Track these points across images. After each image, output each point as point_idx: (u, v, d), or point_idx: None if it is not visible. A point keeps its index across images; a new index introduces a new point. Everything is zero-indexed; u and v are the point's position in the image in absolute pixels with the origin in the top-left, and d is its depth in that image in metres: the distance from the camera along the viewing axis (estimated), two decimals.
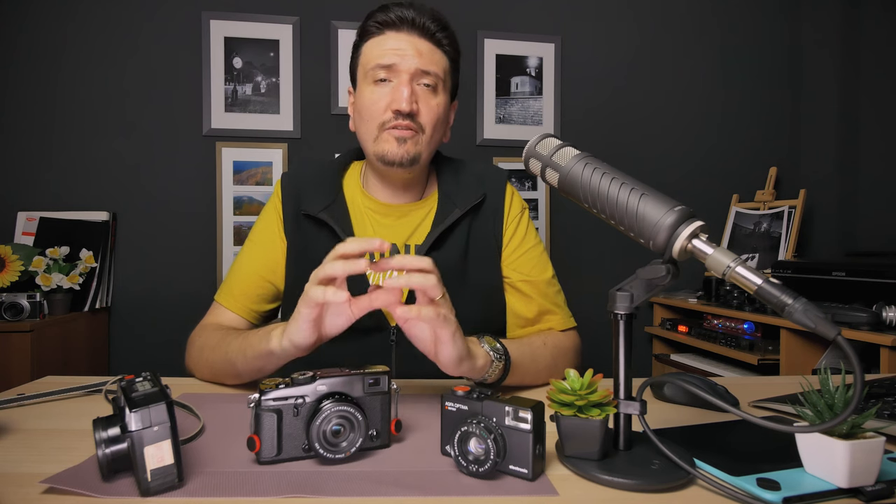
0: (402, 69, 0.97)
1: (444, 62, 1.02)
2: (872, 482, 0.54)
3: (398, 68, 0.97)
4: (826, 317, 0.51)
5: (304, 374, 0.63)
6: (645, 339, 2.63)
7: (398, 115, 0.97)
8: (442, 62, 1.01)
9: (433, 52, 1.00)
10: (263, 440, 0.60)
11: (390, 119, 0.97)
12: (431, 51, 1.00)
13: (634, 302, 0.62)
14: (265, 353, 0.80)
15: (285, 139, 2.42)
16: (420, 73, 0.98)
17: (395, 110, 0.96)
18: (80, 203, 2.30)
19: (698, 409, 0.84)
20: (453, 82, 1.06)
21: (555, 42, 2.56)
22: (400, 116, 0.97)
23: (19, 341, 1.86)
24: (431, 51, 1.00)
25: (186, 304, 2.26)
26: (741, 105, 2.70)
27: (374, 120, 0.99)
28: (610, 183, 0.63)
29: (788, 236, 2.34)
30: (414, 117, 0.98)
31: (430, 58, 0.99)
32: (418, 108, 0.98)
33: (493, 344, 0.85)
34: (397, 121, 0.97)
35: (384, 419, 0.66)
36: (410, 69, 0.97)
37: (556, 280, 1.10)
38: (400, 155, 0.98)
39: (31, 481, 0.55)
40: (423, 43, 0.99)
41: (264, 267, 1.05)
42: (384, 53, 0.98)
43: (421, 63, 0.98)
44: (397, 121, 0.97)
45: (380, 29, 1.00)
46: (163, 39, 2.35)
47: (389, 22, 0.99)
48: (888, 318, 1.60)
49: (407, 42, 0.98)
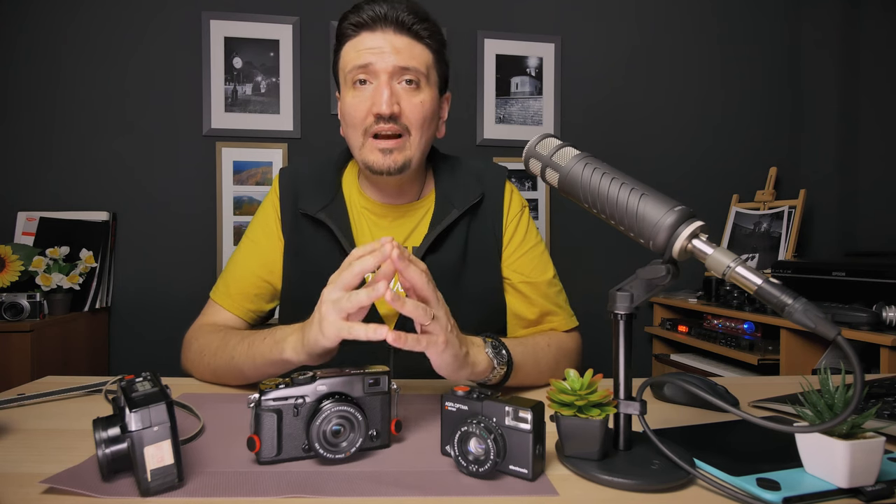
0: (379, 69, 0.93)
1: (426, 55, 0.97)
2: (872, 482, 0.54)
3: (375, 68, 0.93)
4: (826, 317, 0.51)
5: (304, 374, 0.63)
6: (645, 339, 2.63)
7: (379, 118, 0.93)
8: (423, 56, 0.96)
9: (412, 47, 0.95)
10: (263, 440, 0.60)
11: (372, 124, 0.94)
12: (410, 45, 0.95)
13: (634, 302, 0.62)
14: (279, 362, 0.79)
15: (285, 139, 2.42)
16: (399, 71, 0.93)
17: (376, 114, 0.92)
18: (80, 203, 2.30)
19: (698, 409, 0.84)
20: (440, 75, 1.01)
21: (555, 42, 2.56)
22: (382, 120, 0.93)
23: (19, 341, 1.86)
24: (410, 45, 0.95)
25: (186, 304, 2.25)
26: (741, 105, 2.70)
27: (358, 126, 0.95)
28: (610, 183, 0.63)
29: (788, 236, 2.34)
30: (397, 119, 0.93)
31: (409, 53, 0.94)
32: (400, 108, 0.93)
33: (496, 347, 0.84)
34: (379, 125, 0.93)
35: (384, 419, 0.66)
36: (388, 68, 0.93)
37: (557, 280, 1.09)
38: (387, 165, 0.94)
39: (31, 481, 0.55)
40: (400, 38, 0.94)
41: (262, 266, 1.04)
42: (360, 54, 0.94)
43: (399, 60, 0.93)
44: (379, 125, 0.93)
45: (355, 30, 0.95)
46: (163, 39, 2.35)
47: (363, 22, 0.94)
48: (888, 318, 1.60)
49: (383, 40, 0.93)
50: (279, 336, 0.81)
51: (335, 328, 0.69)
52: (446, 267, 1.00)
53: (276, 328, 0.84)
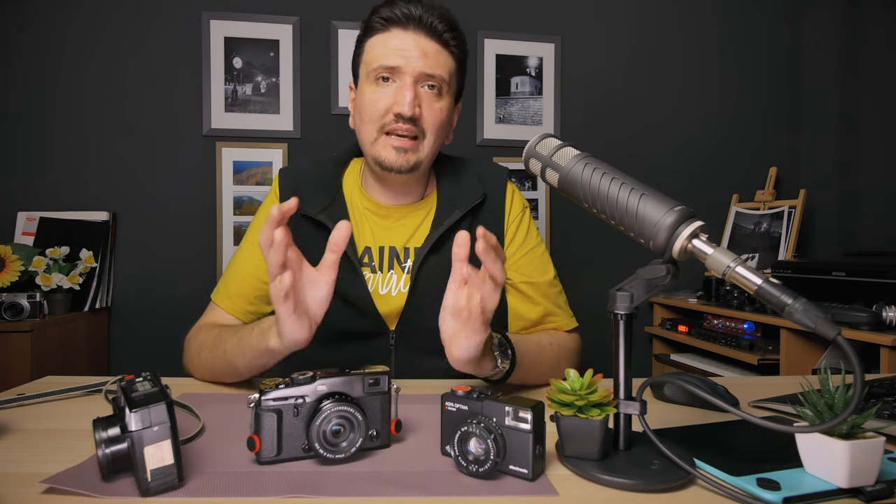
0: (406, 71, 0.94)
1: (450, 64, 0.98)
2: (872, 482, 0.54)
3: (402, 70, 0.94)
4: (826, 317, 0.51)
5: (304, 374, 0.63)
6: (645, 339, 2.63)
7: (399, 118, 0.94)
8: (448, 64, 0.97)
9: (439, 54, 0.96)
10: (263, 440, 0.60)
11: (391, 122, 0.94)
12: (437, 52, 0.96)
13: (634, 302, 0.62)
14: (266, 351, 0.80)
15: (285, 139, 2.42)
16: (424, 76, 0.95)
17: (397, 113, 0.93)
18: (80, 203, 2.30)
19: (698, 409, 0.84)
20: (458, 84, 1.03)
21: (555, 42, 2.56)
22: (401, 120, 0.94)
23: (19, 341, 1.86)
24: (437, 52, 0.96)
25: (186, 304, 2.26)
26: (741, 105, 2.70)
27: (375, 121, 0.96)
28: (610, 183, 0.63)
29: (788, 236, 2.34)
30: (416, 121, 0.94)
31: (436, 60, 0.95)
32: (421, 112, 0.95)
33: (502, 343, 0.84)
34: (398, 124, 0.94)
35: (384, 419, 0.66)
36: (415, 71, 0.94)
37: (557, 280, 1.09)
38: (399, 164, 0.95)
39: (31, 481, 0.55)
40: (430, 43, 0.95)
41: (261, 268, 1.04)
42: (388, 53, 0.94)
43: (426, 66, 0.94)
44: (398, 124, 0.94)
45: (385, 25, 0.96)
46: (163, 39, 2.35)
47: (395, 19, 0.95)
48: (888, 318, 1.60)
49: (413, 41, 0.94)
50: (265, 325, 0.81)
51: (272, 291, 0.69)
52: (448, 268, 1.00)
53: (262, 319, 0.84)
